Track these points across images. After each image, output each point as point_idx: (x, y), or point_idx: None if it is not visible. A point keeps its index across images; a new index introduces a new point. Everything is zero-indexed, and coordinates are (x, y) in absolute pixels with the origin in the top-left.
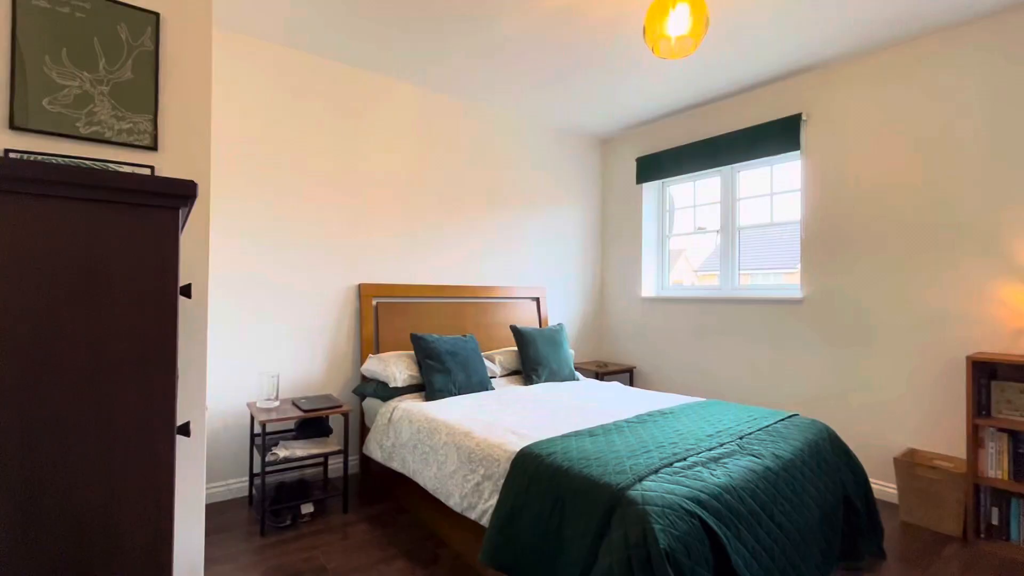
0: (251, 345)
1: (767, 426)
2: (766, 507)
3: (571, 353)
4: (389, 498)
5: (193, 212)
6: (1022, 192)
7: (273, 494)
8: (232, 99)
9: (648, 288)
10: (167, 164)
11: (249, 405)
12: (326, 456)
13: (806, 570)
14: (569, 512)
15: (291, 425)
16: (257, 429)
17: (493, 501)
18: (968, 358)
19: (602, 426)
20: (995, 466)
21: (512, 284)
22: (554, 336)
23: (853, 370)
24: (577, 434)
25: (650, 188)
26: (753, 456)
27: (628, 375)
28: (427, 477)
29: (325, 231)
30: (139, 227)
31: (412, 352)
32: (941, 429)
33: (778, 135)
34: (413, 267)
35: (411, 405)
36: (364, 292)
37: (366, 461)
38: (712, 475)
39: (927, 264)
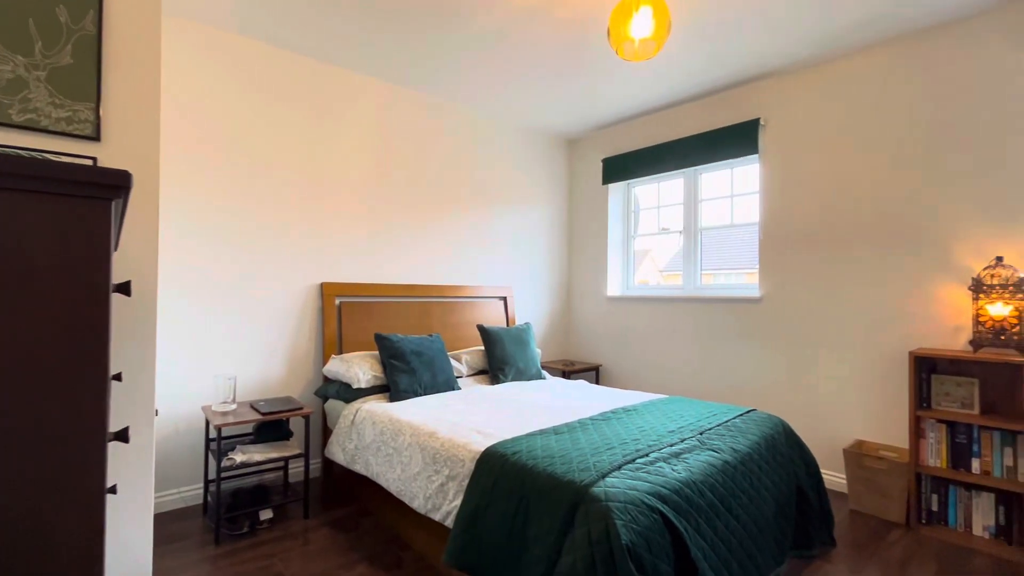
0: (207, 346)
1: (726, 421)
2: (724, 500)
3: (538, 352)
4: (352, 502)
5: (140, 206)
6: (958, 198)
7: (229, 501)
8: (190, 91)
9: (614, 287)
10: (111, 156)
11: (204, 409)
12: (286, 460)
13: (762, 559)
14: (534, 510)
15: (249, 429)
16: (212, 433)
17: (458, 502)
18: (911, 353)
19: (567, 424)
20: (935, 455)
21: (480, 283)
22: (521, 335)
23: (807, 366)
24: (542, 432)
25: (616, 189)
26: (712, 451)
27: (594, 373)
28: (391, 479)
29: (286, 228)
30: (67, 220)
31: (376, 352)
32: (887, 421)
33: (738, 139)
34: (378, 266)
35: (375, 406)
36: (327, 291)
37: (328, 464)
38: (673, 470)
39: (875, 265)
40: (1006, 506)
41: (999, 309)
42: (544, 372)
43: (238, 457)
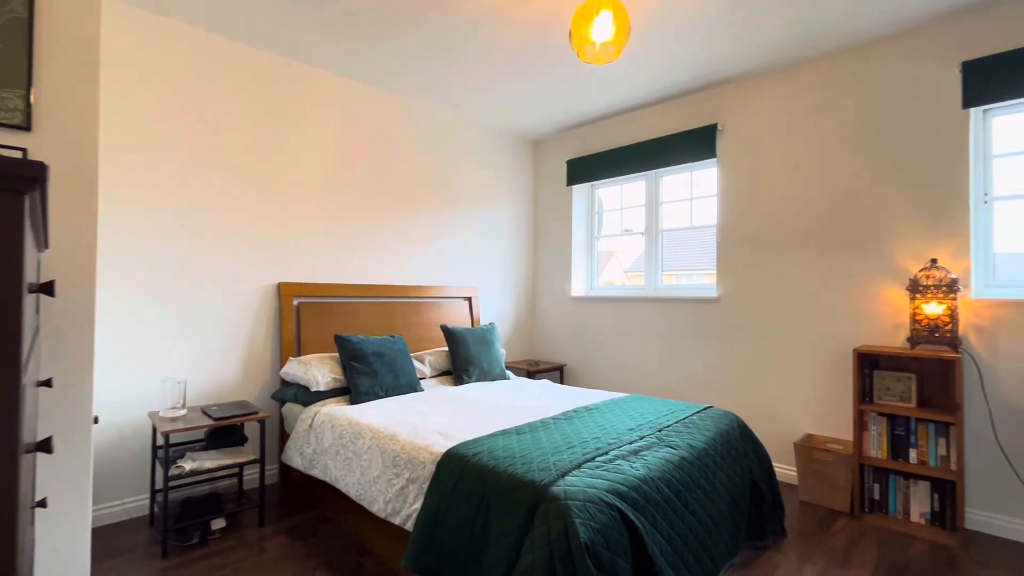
0: (155, 350)
1: (684, 418)
2: (681, 495)
3: (502, 352)
4: (310, 508)
5: (77, 202)
6: (896, 204)
7: (178, 511)
8: (137, 82)
9: (578, 288)
10: (44, 146)
11: (151, 415)
12: (240, 467)
13: (717, 552)
14: (495, 511)
15: (201, 435)
16: (160, 441)
17: (418, 505)
18: (855, 351)
19: (529, 424)
20: (876, 447)
21: (444, 283)
22: (485, 335)
23: (761, 363)
24: (504, 433)
25: (580, 190)
26: (670, 447)
27: (559, 373)
28: (350, 484)
29: (241, 226)
30: None
31: (336, 354)
32: (834, 415)
33: (696, 143)
34: (339, 266)
35: (334, 409)
36: (284, 291)
37: (286, 470)
38: (632, 467)
39: (823, 266)
40: (940, 493)
41: (934, 308)
42: (508, 372)
43: (187, 465)
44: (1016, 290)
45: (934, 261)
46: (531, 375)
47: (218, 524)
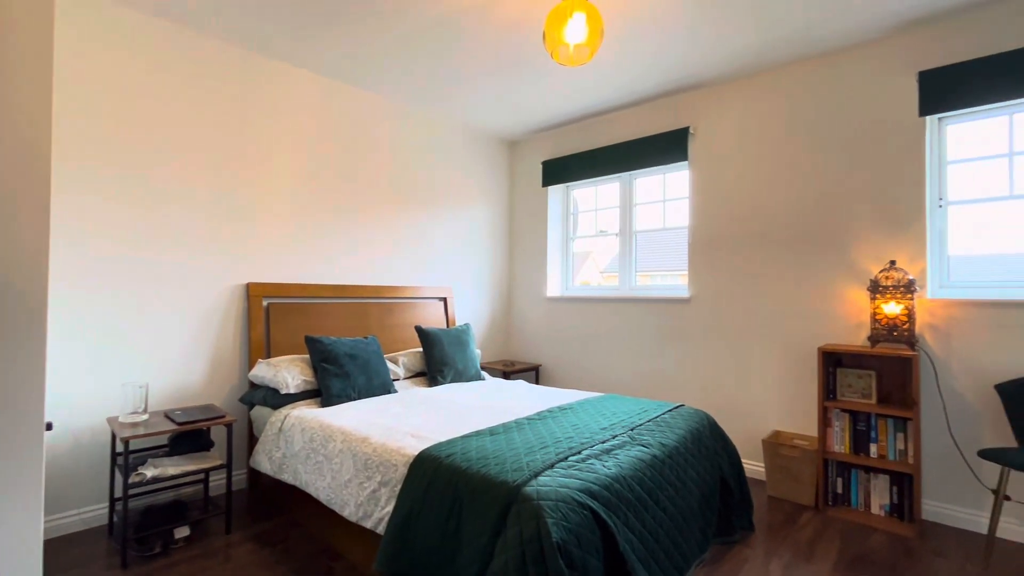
0: (115, 352)
1: (656, 417)
2: (652, 493)
3: (477, 353)
4: (280, 513)
5: (27, 195)
6: (859, 207)
7: (139, 519)
8: (95, 73)
9: (553, 288)
10: None
11: (110, 420)
12: (206, 472)
13: (687, 548)
14: (467, 513)
15: (164, 440)
16: (119, 447)
17: (390, 508)
18: (819, 349)
19: (503, 424)
20: (839, 442)
21: (419, 284)
22: (460, 336)
23: (731, 362)
24: (478, 434)
25: (555, 191)
26: (642, 446)
27: (534, 373)
28: (321, 488)
29: (207, 225)
30: None
31: (307, 356)
32: (800, 412)
33: (669, 146)
34: (311, 265)
35: (304, 412)
36: (253, 292)
37: (255, 475)
38: (604, 467)
39: (789, 267)
40: (898, 486)
41: (892, 308)
42: (483, 373)
43: (149, 472)
44: (968, 291)
45: (893, 263)
46: (507, 375)
47: (182, 532)
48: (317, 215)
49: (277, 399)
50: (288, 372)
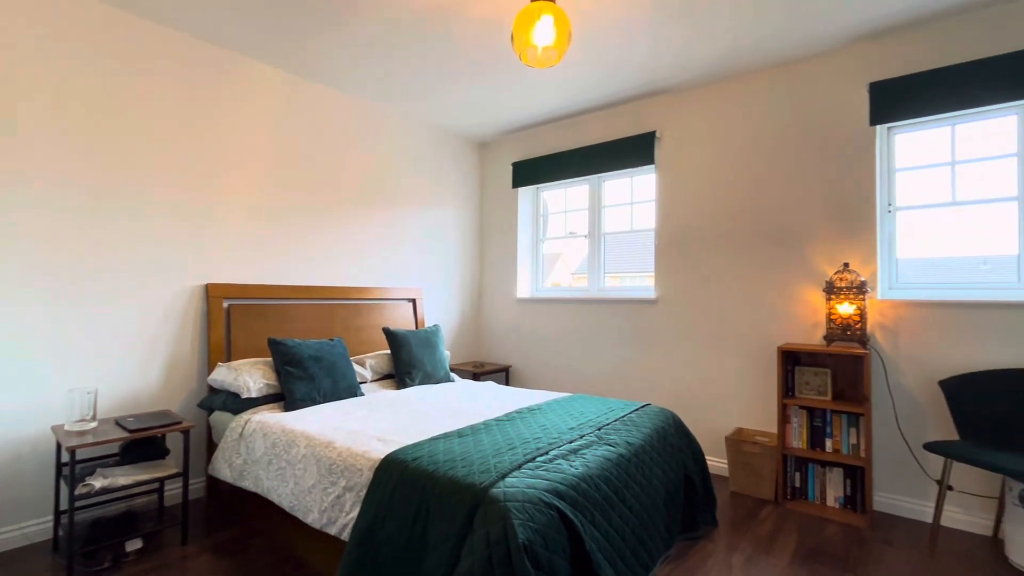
0: (61, 357)
1: (623, 416)
2: (619, 492)
3: (447, 355)
4: (240, 522)
5: None
6: (814, 211)
7: (87, 533)
8: (40, 59)
9: (524, 289)
10: None
11: (55, 429)
12: (161, 481)
13: (652, 545)
14: (433, 516)
15: (115, 449)
16: (65, 457)
17: (355, 513)
18: (779, 348)
19: (471, 426)
20: (798, 438)
21: (388, 285)
22: (429, 338)
23: (696, 361)
24: (446, 436)
25: (525, 192)
26: (609, 445)
27: (504, 374)
28: (283, 494)
29: (164, 223)
30: None
31: (270, 359)
32: (761, 409)
33: (636, 150)
34: (275, 266)
35: (267, 417)
36: (213, 293)
37: (214, 483)
38: (571, 466)
39: (751, 269)
40: (851, 479)
41: (846, 308)
42: (453, 375)
43: (97, 482)
44: (915, 291)
45: (846, 265)
46: (476, 377)
47: (134, 545)
48: (282, 214)
49: (238, 404)
50: (250, 376)
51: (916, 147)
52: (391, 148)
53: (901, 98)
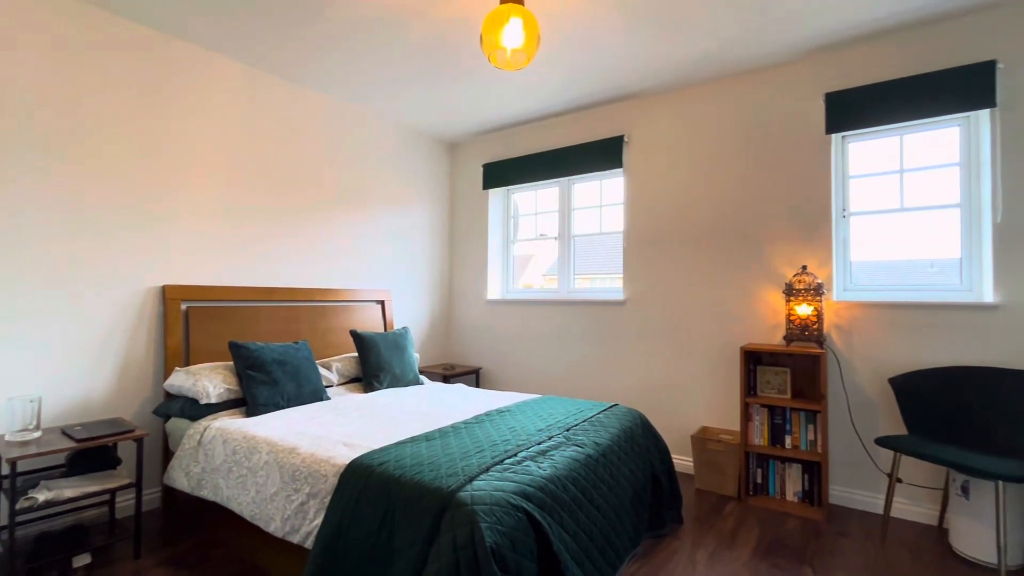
0: (1, 363)
1: (591, 417)
2: (586, 492)
3: (416, 357)
4: (198, 533)
5: None
6: (775, 215)
7: (31, 548)
8: None
9: (494, 291)
10: None
11: None
12: (112, 493)
13: (620, 544)
14: (400, 522)
15: (61, 460)
16: (5, 469)
17: (319, 520)
18: (741, 349)
19: (439, 429)
20: (759, 435)
21: (356, 286)
22: (398, 340)
23: (663, 362)
24: (413, 440)
25: (496, 194)
26: (577, 446)
27: (475, 376)
28: (244, 503)
29: (116, 220)
30: None
31: (232, 363)
32: (725, 408)
33: (605, 153)
34: (237, 267)
35: (227, 423)
36: (170, 295)
37: (170, 493)
38: (539, 468)
39: (715, 272)
40: (809, 474)
41: (804, 309)
42: (422, 377)
43: (41, 495)
44: (867, 293)
45: (804, 267)
46: (446, 379)
47: (82, 560)
48: (244, 213)
49: (196, 410)
50: (209, 380)
51: (868, 155)
52: (360, 147)
53: (854, 108)
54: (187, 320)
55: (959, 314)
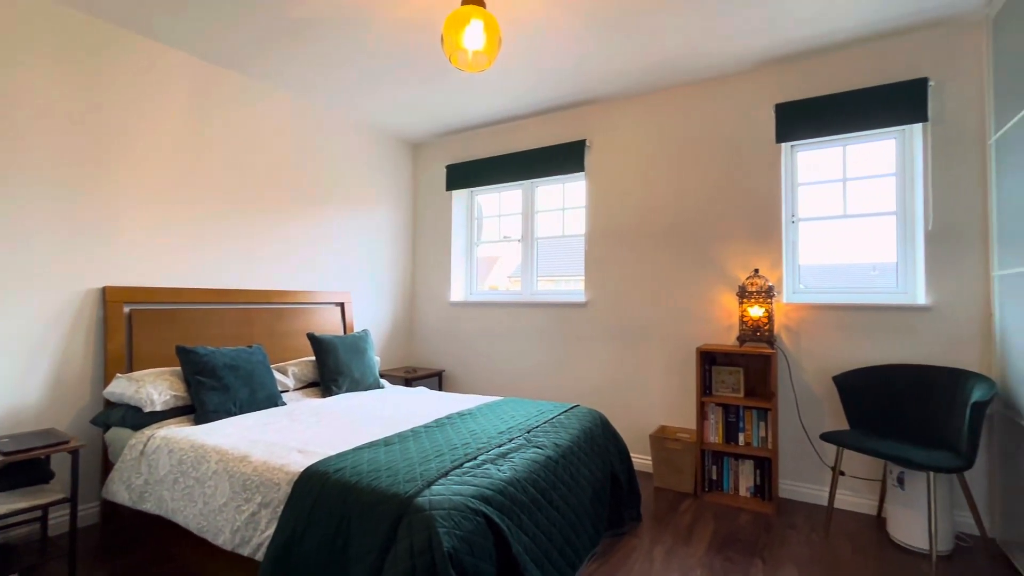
0: None
1: (552, 418)
2: (546, 493)
3: (376, 360)
4: (141, 549)
5: None
6: (729, 220)
7: None
8: None
9: (457, 293)
10: None
11: None
12: (44, 509)
13: (579, 543)
14: (355, 530)
15: None
16: None
17: (271, 531)
18: (697, 349)
19: (399, 434)
20: (714, 433)
21: (314, 288)
22: (358, 343)
23: (623, 363)
24: (372, 445)
25: (459, 196)
26: (537, 448)
27: (437, 379)
28: (190, 515)
29: (50, 216)
30: None
31: (180, 369)
32: (683, 407)
33: (567, 157)
34: (186, 268)
35: (174, 432)
36: (111, 297)
37: (110, 507)
38: (499, 471)
39: (673, 274)
40: (761, 469)
41: (756, 311)
42: (383, 381)
43: None
44: (814, 296)
45: (756, 271)
46: (408, 383)
47: None
48: (195, 211)
49: (139, 419)
50: (154, 387)
51: (815, 164)
52: (320, 146)
53: (802, 119)
54: (130, 324)
55: (895, 315)
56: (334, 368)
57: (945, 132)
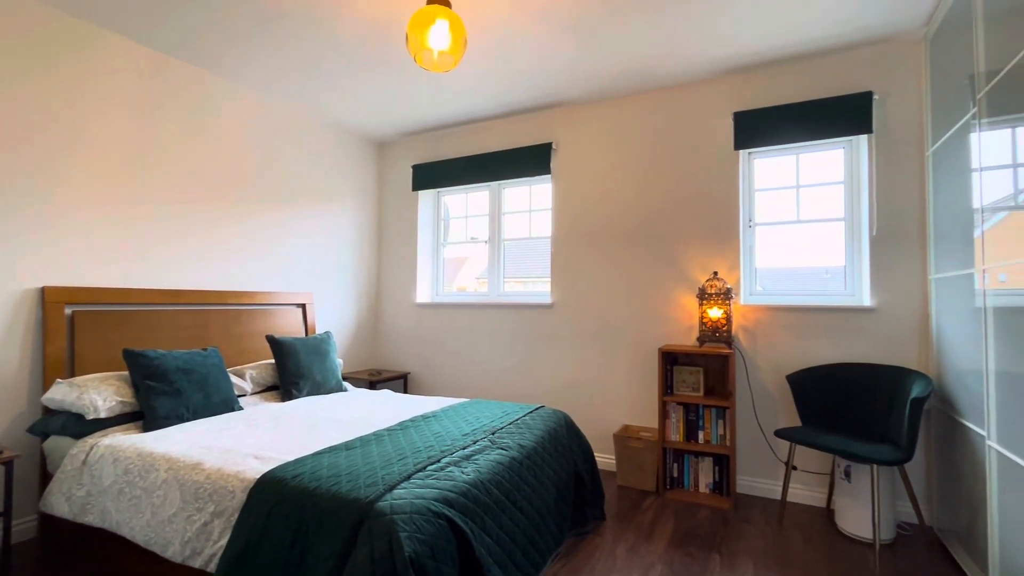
0: None
1: (516, 419)
2: (510, 495)
3: (339, 363)
4: (82, 564)
5: None
6: (689, 224)
7: None
8: None
9: (423, 294)
10: None
11: None
12: None
13: (543, 544)
14: (313, 538)
15: None
16: None
17: (224, 541)
18: (659, 350)
19: (360, 438)
20: (675, 432)
21: (274, 289)
22: (319, 345)
23: (587, 363)
24: (332, 450)
25: (426, 196)
26: (501, 449)
27: (402, 381)
28: (136, 527)
29: None
30: None
31: (127, 373)
32: (645, 407)
33: (534, 159)
34: (135, 267)
35: (120, 440)
36: (51, 298)
37: (48, 521)
38: (463, 473)
39: (636, 276)
40: (719, 466)
41: (715, 312)
42: (346, 384)
43: None
44: (770, 297)
45: (716, 273)
46: (373, 385)
47: None
48: (144, 207)
49: (81, 426)
50: (98, 393)
51: (771, 171)
52: (281, 143)
53: (758, 128)
54: (72, 326)
55: (844, 316)
56: (294, 371)
57: (888, 143)
